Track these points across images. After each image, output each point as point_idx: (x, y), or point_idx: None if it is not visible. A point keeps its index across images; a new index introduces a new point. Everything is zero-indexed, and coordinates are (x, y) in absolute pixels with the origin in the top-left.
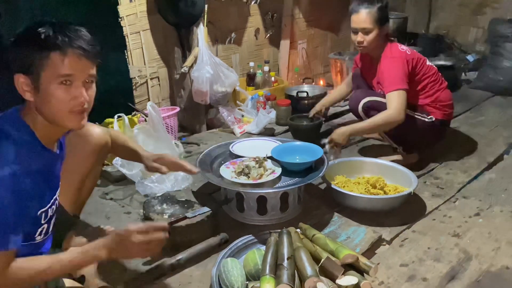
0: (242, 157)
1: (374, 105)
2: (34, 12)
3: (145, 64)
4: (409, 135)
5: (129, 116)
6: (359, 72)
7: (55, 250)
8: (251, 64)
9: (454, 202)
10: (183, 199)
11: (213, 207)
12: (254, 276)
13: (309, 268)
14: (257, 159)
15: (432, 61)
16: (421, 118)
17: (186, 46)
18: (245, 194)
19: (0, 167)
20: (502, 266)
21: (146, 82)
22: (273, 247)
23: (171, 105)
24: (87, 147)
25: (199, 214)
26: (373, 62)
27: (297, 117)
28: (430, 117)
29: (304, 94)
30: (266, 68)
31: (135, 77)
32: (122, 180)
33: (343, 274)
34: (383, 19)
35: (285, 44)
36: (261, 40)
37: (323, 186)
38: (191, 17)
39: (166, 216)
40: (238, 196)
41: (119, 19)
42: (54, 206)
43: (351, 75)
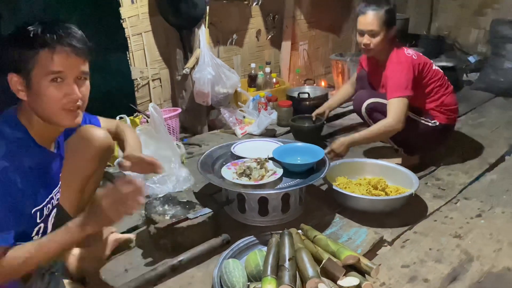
0: (244, 158)
1: (378, 107)
2: (35, 14)
3: (147, 66)
4: (411, 138)
5: (131, 117)
6: (365, 74)
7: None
8: (253, 65)
9: (456, 203)
10: (185, 200)
11: (215, 208)
12: (255, 277)
13: (310, 269)
14: (258, 160)
15: (434, 62)
16: (425, 122)
17: (188, 48)
18: (247, 195)
19: None
20: (503, 267)
21: (148, 83)
22: (274, 248)
23: (172, 106)
24: (90, 150)
25: (200, 215)
26: (378, 65)
27: (298, 118)
28: (434, 121)
29: (306, 95)
30: (268, 69)
31: (137, 79)
32: None
33: (344, 275)
34: (390, 22)
35: (286, 45)
36: (262, 41)
37: (324, 187)
38: (192, 18)
39: (167, 217)
40: (239, 197)
41: (121, 21)
42: (50, 205)
43: (356, 76)
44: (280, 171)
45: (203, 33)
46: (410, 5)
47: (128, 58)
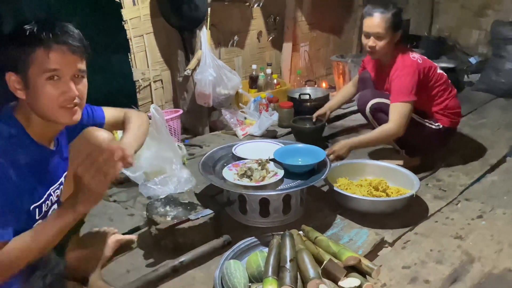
0: (245, 159)
1: (382, 107)
2: (37, 15)
3: (148, 67)
4: (414, 140)
5: None
6: (367, 76)
7: (59, 253)
8: (254, 66)
9: (457, 205)
10: (186, 201)
11: (216, 209)
12: (256, 278)
13: (311, 270)
14: (259, 161)
15: (435, 63)
16: (428, 125)
17: (189, 49)
18: (248, 196)
19: None
20: (504, 268)
21: (150, 84)
22: (275, 249)
23: (174, 107)
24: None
25: (202, 216)
26: (382, 68)
27: (299, 119)
28: (437, 124)
29: (307, 97)
30: (269, 71)
31: (138, 80)
32: (125, 182)
33: (345, 276)
34: (396, 25)
35: (287, 46)
36: (263, 42)
37: (325, 188)
38: (194, 20)
39: (169, 218)
40: (240, 198)
41: (123, 22)
42: (49, 202)
43: (357, 77)
44: (281, 172)
45: (204, 35)
46: (411, 6)
47: (129, 60)
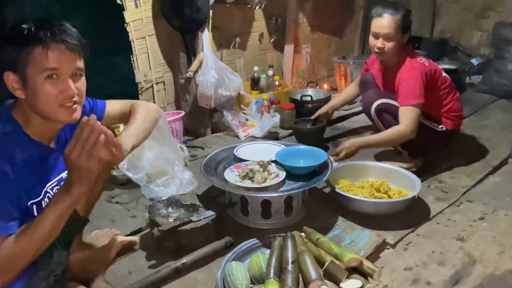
0: (247, 160)
1: (387, 108)
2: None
3: (150, 69)
4: (418, 142)
5: None
6: (369, 78)
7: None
8: (256, 68)
9: (459, 206)
10: (188, 203)
11: (218, 210)
12: (258, 280)
13: (313, 271)
14: (261, 163)
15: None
16: (432, 127)
17: (191, 51)
18: (250, 197)
19: None
20: (506, 270)
21: (152, 86)
22: (277, 250)
23: (176, 109)
24: None
25: (203, 218)
26: (388, 70)
27: (301, 121)
28: (441, 126)
29: (308, 98)
30: (270, 72)
31: (140, 82)
32: (127, 183)
33: (347, 277)
34: (405, 27)
35: (289, 48)
36: (265, 44)
37: (327, 190)
38: (196, 22)
39: (171, 220)
40: (242, 200)
41: (125, 25)
42: (47, 199)
43: (360, 78)
44: (283, 174)
45: (206, 37)
46: (413, 8)
47: (132, 62)
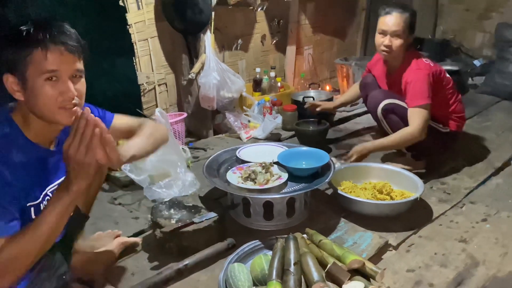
0: (249, 162)
1: (394, 109)
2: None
3: (153, 71)
4: (421, 143)
5: None
6: (371, 80)
7: (64, 255)
8: (258, 70)
9: (461, 208)
10: (190, 204)
11: (220, 212)
12: (261, 281)
13: (315, 273)
14: (263, 164)
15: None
16: (437, 128)
17: (193, 53)
18: (252, 199)
19: None
20: (509, 271)
21: (154, 88)
22: (279, 252)
23: (178, 110)
24: None
25: (206, 219)
26: (392, 71)
27: (303, 122)
28: (446, 127)
29: (310, 100)
30: (273, 74)
31: (143, 84)
32: (130, 185)
33: (349, 279)
34: (412, 27)
35: (291, 50)
36: (267, 46)
37: (329, 192)
38: (198, 24)
39: (173, 221)
40: (244, 202)
41: (128, 27)
42: (46, 202)
43: (361, 81)
44: (285, 176)
45: (208, 38)
46: (415, 9)
47: (134, 64)
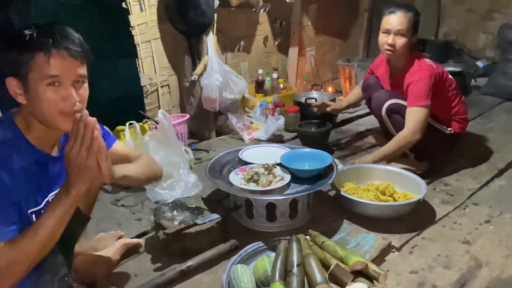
0: (251, 163)
1: (398, 109)
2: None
3: (155, 72)
4: (425, 144)
5: (140, 123)
6: (373, 82)
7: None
8: (260, 71)
9: (464, 209)
10: (193, 206)
11: (223, 213)
12: (263, 283)
13: (318, 275)
14: (266, 166)
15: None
16: (440, 129)
17: (196, 54)
18: (255, 200)
19: None
20: None
21: (157, 90)
22: (282, 253)
23: (181, 112)
24: None
25: (209, 221)
26: (394, 72)
27: (305, 124)
28: (449, 129)
29: (313, 101)
30: (275, 75)
31: (146, 85)
32: (133, 187)
33: (352, 281)
34: (416, 27)
35: (293, 51)
36: (269, 47)
37: (332, 193)
38: (200, 25)
39: (176, 223)
40: (247, 203)
41: (130, 28)
42: None
43: (363, 82)
44: (287, 177)
45: (211, 40)
46: (418, 10)
47: (137, 65)
